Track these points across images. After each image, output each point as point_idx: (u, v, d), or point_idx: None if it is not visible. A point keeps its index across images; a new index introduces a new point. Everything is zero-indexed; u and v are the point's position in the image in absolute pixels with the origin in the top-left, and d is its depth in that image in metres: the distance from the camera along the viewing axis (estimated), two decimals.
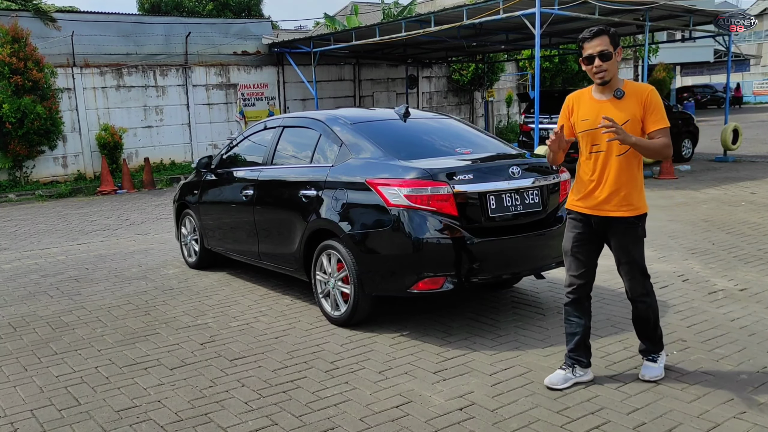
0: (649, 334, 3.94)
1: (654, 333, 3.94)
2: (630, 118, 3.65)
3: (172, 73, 17.50)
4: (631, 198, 3.71)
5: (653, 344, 3.96)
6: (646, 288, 3.86)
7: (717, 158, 16.11)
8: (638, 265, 3.81)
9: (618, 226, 3.75)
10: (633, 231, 3.76)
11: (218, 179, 6.75)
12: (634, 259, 3.79)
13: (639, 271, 3.82)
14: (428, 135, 5.55)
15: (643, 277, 3.84)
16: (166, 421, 3.67)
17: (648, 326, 3.92)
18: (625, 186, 3.70)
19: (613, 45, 3.65)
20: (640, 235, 3.80)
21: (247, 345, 4.83)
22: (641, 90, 3.68)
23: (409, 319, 5.21)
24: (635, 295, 3.87)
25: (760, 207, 9.59)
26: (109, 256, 8.18)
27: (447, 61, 23.10)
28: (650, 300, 3.87)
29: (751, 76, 48.95)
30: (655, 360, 3.95)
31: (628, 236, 3.76)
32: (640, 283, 3.84)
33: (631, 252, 3.78)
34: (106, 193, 14.81)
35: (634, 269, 3.81)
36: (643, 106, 3.65)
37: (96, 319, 5.62)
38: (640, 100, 3.65)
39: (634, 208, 3.72)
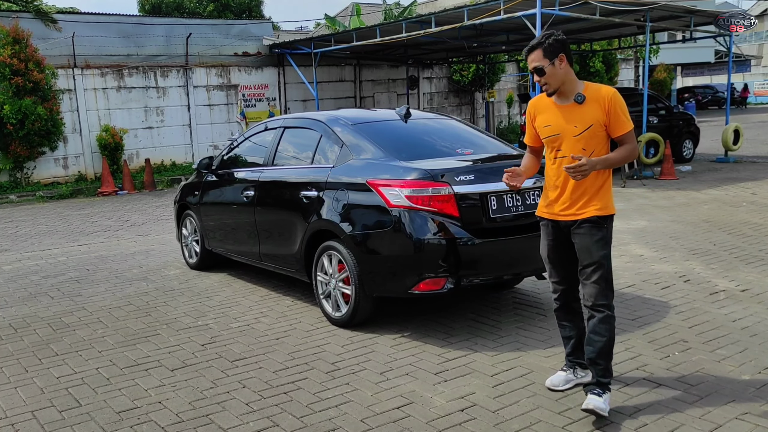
0: (598, 359, 3.52)
1: (605, 358, 3.53)
2: (593, 123, 3.51)
3: (173, 74, 17.51)
4: (595, 200, 3.55)
5: (601, 372, 3.53)
6: (608, 299, 3.53)
7: (718, 159, 16.10)
8: (602, 269, 3.52)
9: (581, 227, 3.57)
10: (596, 231, 3.53)
11: (219, 180, 6.75)
12: (597, 261, 3.52)
13: (602, 278, 3.52)
14: (429, 136, 5.54)
15: (605, 285, 3.53)
16: (167, 423, 3.67)
17: (601, 347, 3.51)
18: (588, 190, 3.55)
19: (549, 56, 3.49)
20: (604, 237, 3.55)
21: (248, 346, 4.83)
22: (603, 95, 3.52)
23: (411, 320, 5.20)
24: (594, 302, 3.53)
25: (761, 208, 9.57)
26: (110, 257, 8.18)
27: (448, 61, 23.10)
28: (609, 312, 3.52)
29: (752, 77, 48.94)
30: (600, 395, 3.50)
31: (591, 237, 3.54)
32: (601, 291, 3.52)
33: (593, 254, 3.53)
34: (107, 194, 14.82)
35: (596, 273, 3.52)
36: (606, 112, 3.50)
37: (97, 320, 5.61)
38: (603, 105, 3.50)
39: (597, 208, 3.55)
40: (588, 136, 3.53)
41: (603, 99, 3.51)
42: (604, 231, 3.56)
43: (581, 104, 3.53)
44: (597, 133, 3.53)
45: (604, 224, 3.56)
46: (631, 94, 16.19)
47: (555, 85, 3.55)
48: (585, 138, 3.53)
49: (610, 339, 3.51)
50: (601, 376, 3.53)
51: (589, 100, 3.53)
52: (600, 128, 3.52)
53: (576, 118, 3.54)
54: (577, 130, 3.54)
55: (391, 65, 22.01)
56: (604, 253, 3.54)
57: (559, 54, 3.50)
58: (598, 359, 3.52)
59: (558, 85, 3.54)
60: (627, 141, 3.54)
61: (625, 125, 3.53)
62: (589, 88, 3.56)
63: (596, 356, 3.52)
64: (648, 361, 4.23)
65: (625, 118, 3.52)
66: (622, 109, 3.52)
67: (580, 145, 3.54)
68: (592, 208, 3.55)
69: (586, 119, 3.52)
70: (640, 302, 5.46)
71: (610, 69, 27.19)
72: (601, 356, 3.51)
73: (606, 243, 3.56)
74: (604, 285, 3.53)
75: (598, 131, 3.52)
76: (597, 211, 3.54)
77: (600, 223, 3.55)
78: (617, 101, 3.51)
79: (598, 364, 3.52)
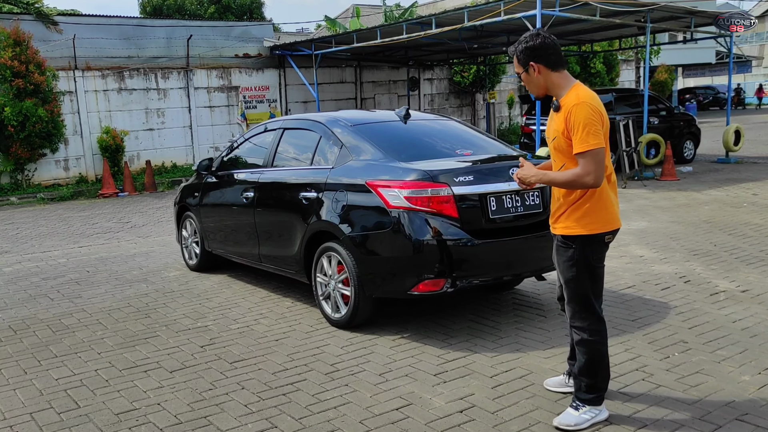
0: (579, 375, 3.44)
1: (584, 378, 3.41)
2: (555, 135, 3.31)
3: (174, 75, 17.53)
4: (568, 216, 3.32)
5: (583, 387, 3.43)
6: (584, 321, 3.36)
7: (719, 159, 16.08)
8: (571, 291, 3.37)
9: (556, 243, 3.45)
10: (563, 251, 3.37)
11: (219, 181, 6.75)
12: (566, 282, 3.39)
13: (573, 300, 3.38)
14: (429, 137, 5.54)
15: (577, 306, 3.37)
16: (166, 424, 3.66)
17: (580, 366, 3.42)
18: (566, 204, 3.34)
19: (522, 65, 3.33)
20: (572, 259, 3.31)
21: (247, 348, 4.82)
22: (568, 104, 3.23)
23: (410, 321, 5.19)
24: (570, 322, 3.46)
25: (762, 208, 9.56)
26: (110, 259, 8.18)
27: (448, 63, 23.10)
28: (586, 336, 3.36)
29: (752, 78, 48.89)
30: (577, 408, 3.43)
31: (560, 256, 3.40)
32: (575, 314, 3.39)
33: (563, 273, 3.39)
34: (108, 195, 14.82)
35: (567, 293, 3.41)
36: (566, 123, 3.22)
37: (96, 321, 5.61)
38: (565, 114, 3.22)
39: (566, 227, 3.33)
40: (555, 147, 3.35)
41: (566, 108, 3.23)
42: (573, 252, 3.32)
43: (557, 113, 3.32)
44: (562, 146, 3.28)
45: (571, 245, 3.31)
46: (632, 95, 16.20)
47: (534, 92, 3.41)
48: (554, 149, 3.37)
49: (589, 361, 3.37)
50: (582, 390, 3.44)
51: (562, 108, 3.28)
52: (564, 141, 3.26)
53: (551, 126, 3.37)
54: (549, 139, 3.40)
55: (391, 67, 22.02)
56: (572, 275, 3.34)
57: (530, 62, 3.30)
58: (579, 375, 3.45)
59: (537, 91, 3.40)
60: (581, 161, 3.14)
61: (580, 144, 3.14)
62: (567, 96, 3.28)
63: (578, 371, 3.46)
64: (648, 362, 4.22)
65: (583, 134, 3.13)
66: (579, 123, 3.14)
67: (553, 155, 3.42)
68: (559, 225, 3.38)
69: (554, 129, 3.33)
70: (641, 303, 5.44)
71: (611, 70, 27.21)
72: (582, 373, 3.42)
73: (574, 265, 3.32)
74: (576, 307, 3.38)
75: (562, 143, 3.27)
76: (564, 230, 3.35)
77: (566, 243, 3.34)
78: (578, 114, 3.16)
79: (579, 379, 3.45)
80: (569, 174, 3.20)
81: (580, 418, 3.39)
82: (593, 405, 3.43)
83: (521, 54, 3.33)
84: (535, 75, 3.33)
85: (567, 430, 3.38)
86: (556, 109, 3.32)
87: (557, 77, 3.32)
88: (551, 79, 3.32)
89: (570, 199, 3.32)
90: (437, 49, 19.32)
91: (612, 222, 3.35)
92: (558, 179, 3.26)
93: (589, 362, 3.38)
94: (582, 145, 3.14)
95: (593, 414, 3.41)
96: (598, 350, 3.39)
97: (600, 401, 3.46)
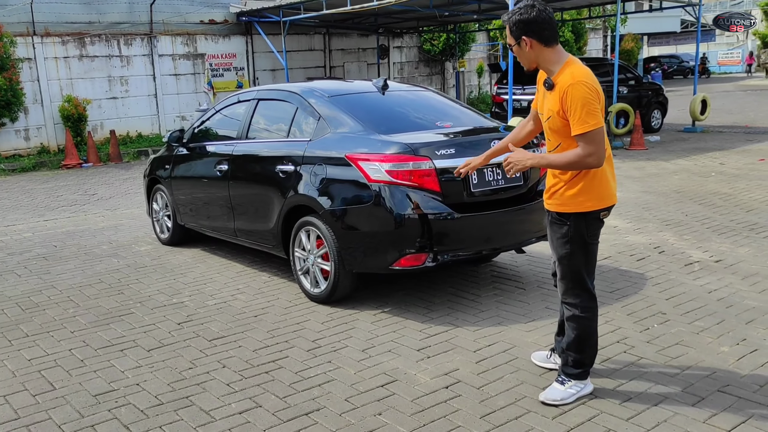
0: (567, 350, 3.45)
1: (572, 353, 3.43)
2: (551, 115, 3.23)
3: (137, 42, 17.00)
4: (561, 194, 3.29)
5: (567, 363, 3.46)
6: (576, 297, 3.37)
7: (686, 129, 16.27)
8: (564, 267, 3.37)
9: (548, 221, 3.42)
10: (557, 228, 3.34)
11: (191, 153, 6.57)
12: (560, 259, 3.37)
13: (565, 276, 3.38)
14: (407, 108, 5.45)
15: (570, 283, 3.37)
16: (146, 405, 3.58)
17: (569, 341, 3.43)
18: (561, 180, 3.29)
19: (515, 36, 3.21)
20: (566, 236, 3.30)
21: (225, 324, 4.74)
22: (563, 83, 3.12)
23: (390, 296, 5.16)
24: (561, 298, 3.47)
25: (729, 178, 9.71)
26: (78, 233, 7.96)
27: (418, 30, 22.84)
28: (578, 312, 3.37)
29: (716, 47, 49.52)
30: (563, 383, 3.44)
31: (554, 233, 3.38)
32: (567, 290, 3.40)
33: (557, 250, 3.38)
34: (71, 166, 14.42)
35: (560, 269, 3.40)
36: (561, 103, 3.13)
37: (67, 298, 5.46)
38: (560, 95, 3.13)
39: (560, 204, 3.30)
40: (550, 127, 3.28)
41: (561, 89, 3.12)
42: (567, 229, 3.29)
43: (550, 91, 3.22)
44: (558, 126, 3.21)
45: (566, 222, 3.29)
46: (601, 64, 16.23)
47: (526, 65, 3.30)
48: (549, 128, 3.30)
49: (578, 337, 3.38)
50: (569, 365, 3.46)
51: (556, 87, 3.17)
52: (559, 120, 3.18)
53: (546, 105, 3.29)
54: (544, 118, 3.33)
55: (361, 34, 21.69)
56: (566, 252, 3.32)
57: (522, 36, 3.18)
58: (567, 349, 3.47)
59: (529, 65, 3.29)
60: (581, 143, 3.09)
61: (579, 124, 3.06)
62: (561, 74, 3.16)
63: (566, 346, 3.47)
64: (628, 333, 4.27)
65: (582, 115, 3.04)
66: (577, 104, 3.05)
67: (547, 134, 3.35)
68: (554, 202, 3.34)
69: (549, 108, 3.24)
70: (617, 274, 5.49)
71: (579, 39, 27.23)
72: (570, 348, 3.44)
73: (568, 242, 3.30)
74: (569, 284, 3.39)
75: (558, 123, 3.20)
76: (558, 207, 3.32)
77: (561, 220, 3.32)
78: (574, 94, 3.06)
79: (567, 354, 3.47)
80: (570, 155, 3.13)
81: (565, 393, 3.42)
82: (579, 379, 3.45)
83: (514, 26, 3.20)
84: (527, 49, 3.21)
85: (553, 404, 3.39)
86: (549, 87, 3.22)
87: (550, 53, 3.21)
88: (544, 55, 3.21)
89: (566, 177, 3.28)
90: (407, 17, 19.07)
91: (608, 198, 3.30)
92: (558, 161, 3.18)
93: (578, 338, 3.40)
94: (582, 126, 3.06)
95: (579, 388, 3.44)
96: (589, 326, 3.41)
97: (586, 376, 3.48)
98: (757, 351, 3.94)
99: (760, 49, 38.45)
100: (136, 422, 3.41)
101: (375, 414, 3.40)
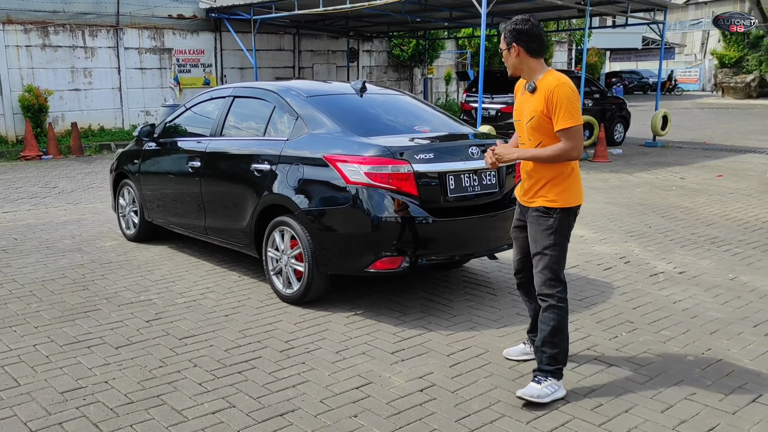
0: (542, 347, 3.58)
1: (547, 348, 3.56)
2: (534, 114, 3.50)
3: (103, 34, 16.66)
4: (547, 190, 3.54)
5: (543, 360, 3.58)
6: (553, 288, 3.55)
7: (647, 143, 16.66)
8: (545, 259, 3.55)
9: (532, 215, 3.61)
10: (543, 221, 3.55)
11: (162, 149, 6.46)
12: (541, 251, 3.56)
13: (546, 268, 3.55)
14: (385, 111, 5.46)
15: (550, 274, 3.55)
16: (116, 404, 3.51)
17: (543, 336, 3.57)
18: (543, 178, 3.54)
19: (506, 43, 3.56)
20: (551, 227, 3.52)
21: (196, 323, 4.67)
22: (548, 85, 3.44)
23: (362, 298, 5.15)
24: (539, 291, 3.61)
25: (690, 192, 9.97)
26: (39, 226, 7.76)
27: (388, 35, 22.92)
28: (553, 302, 3.54)
29: (674, 64, 50.82)
30: (539, 382, 3.54)
31: (539, 226, 3.57)
32: (545, 281, 3.56)
33: (538, 243, 3.57)
34: (30, 158, 14.03)
35: (540, 262, 3.57)
36: (546, 102, 3.43)
37: (30, 293, 5.31)
38: (545, 95, 3.43)
39: (547, 199, 3.54)
40: (532, 126, 3.52)
41: (547, 89, 3.43)
42: (552, 221, 3.53)
43: (532, 94, 3.52)
44: (541, 125, 3.48)
45: (552, 215, 3.52)
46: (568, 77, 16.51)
47: (510, 70, 3.63)
48: (531, 128, 3.54)
49: (554, 329, 3.53)
50: (544, 363, 3.57)
51: (539, 90, 3.47)
52: (543, 119, 3.46)
53: (527, 107, 3.56)
54: (525, 119, 3.57)
55: (331, 36, 21.65)
56: (550, 243, 3.53)
57: (512, 43, 3.52)
58: (542, 347, 3.58)
59: (512, 70, 3.62)
60: (564, 138, 3.40)
61: (563, 120, 3.38)
62: (544, 79, 3.49)
63: (540, 344, 3.59)
64: (597, 341, 4.34)
65: (565, 112, 3.37)
66: (562, 102, 3.38)
67: (528, 134, 3.58)
68: (541, 199, 3.57)
69: (532, 109, 3.51)
70: (585, 283, 5.59)
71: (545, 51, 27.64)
72: (545, 344, 3.56)
73: (553, 234, 3.52)
74: (549, 275, 3.55)
75: (542, 122, 3.47)
76: (546, 202, 3.55)
77: (548, 213, 3.53)
78: (560, 94, 3.38)
79: (542, 352, 3.58)
80: (555, 149, 3.43)
81: (542, 391, 3.50)
82: (555, 378, 3.56)
83: (508, 33, 3.54)
84: (515, 56, 3.55)
85: (530, 400, 3.48)
86: (532, 90, 3.51)
87: (534, 63, 3.55)
88: (528, 63, 3.55)
89: (549, 174, 3.53)
90: (378, 21, 19.12)
91: (582, 196, 3.64)
92: (543, 154, 3.47)
93: (553, 330, 3.54)
94: (567, 121, 3.39)
95: (554, 388, 3.54)
96: (563, 318, 3.57)
97: (560, 375, 3.59)
98: (721, 361, 4.05)
99: (718, 68, 39.69)
100: (105, 420, 3.34)
101: (351, 416, 3.39)
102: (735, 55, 37.76)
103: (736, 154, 14.72)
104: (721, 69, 38.95)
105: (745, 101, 35.47)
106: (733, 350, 4.20)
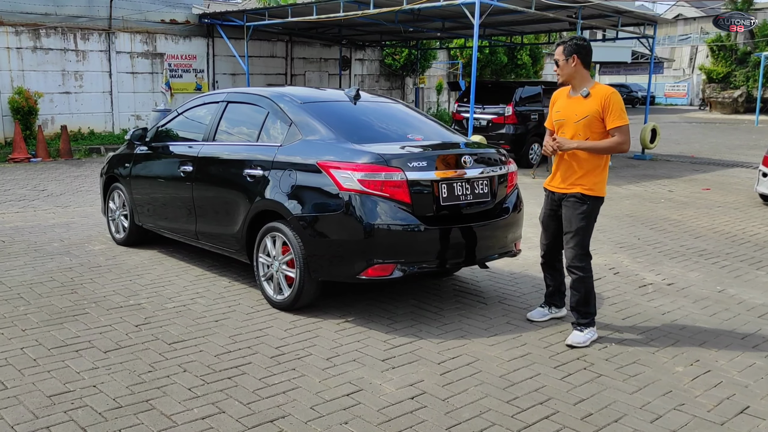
0: (577, 307, 4.45)
1: (582, 308, 4.44)
2: (588, 115, 4.34)
3: (94, 37, 16.62)
4: (585, 180, 4.37)
5: (580, 316, 4.47)
6: (582, 262, 4.38)
7: (636, 156, 16.78)
8: (578, 237, 4.37)
9: (568, 201, 4.42)
10: (579, 205, 4.36)
11: (153, 153, 6.44)
12: (575, 230, 4.38)
13: (578, 245, 4.37)
14: (379, 119, 5.48)
15: (581, 250, 4.38)
16: (105, 408, 3.48)
17: (578, 299, 4.43)
18: (580, 169, 4.37)
19: (566, 54, 4.38)
20: (585, 212, 4.36)
21: (185, 328, 4.65)
22: (603, 92, 4.32)
23: (353, 305, 5.15)
24: (569, 264, 4.42)
25: (678, 205, 10.05)
26: (27, 229, 7.70)
27: (381, 44, 23.00)
28: (583, 274, 4.38)
29: (663, 79, 51.30)
30: (581, 330, 4.46)
31: (574, 209, 4.38)
32: (577, 254, 4.38)
33: (572, 223, 4.39)
34: (19, 160, 13.95)
35: (573, 239, 4.39)
36: (602, 106, 4.29)
37: (17, 296, 5.27)
38: (601, 100, 4.29)
39: (585, 188, 4.36)
40: (584, 124, 4.33)
41: (603, 96, 4.29)
42: (587, 207, 4.36)
43: (586, 98, 4.35)
44: (593, 123, 4.32)
45: (587, 201, 4.36)
46: None
47: (564, 77, 4.43)
48: (582, 125, 4.34)
49: (585, 294, 4.42)
50: (581, 317, 4.46)
51: (593, 96, 4.33)
52: (595, 120, 4.30)
53: (579, 108, 4.37)
54: (577, 118, 4.36)
55: (323, 44, 21.71)
56: (583, 225, 4.37)
57: (573, 54, 4.35)
58: (577, 307, 4.47)
59: (566, 77, 4.41)
60: (618, 134, 4.27)
61: (617, 120, 4.26)
62: (596, 87, 4.36)
63: (575, 305, 4.47)
64: (587, 351, 4.36)
65: (618, 114, 4.26)
66: (616, 106, 4.26)
67: (578, 130, 4.36)
68: (579, 187, 4.38)
69: (585, 110, 4.33)
70: None
71: (536, 62, 27.88)
72: (579, 305, 4.45)
73: (586, 217, 4.37)
74: (579, 251, 4.39)
75: (593, 122, 4.31)
76: (583, 190, 4.37)
77: (584, 200, 4.36)
78: (614, 99, 4.27)
79: (578, 311, 4.47)
80: (610, 141, 4.29)
81: (585, 337, 4.43)
82: (591, 326, 4.49)
83: (570, 46, 4.37)
84: (572, 65, 4.37)
85: (578, 345, 4.38)
86: (586, 95, 4.36)
87: (585, 73, 4.42)
88: (581, 73, 4.39)
89: (586, 166, 4.36)
90: (371, 30, 19.19)
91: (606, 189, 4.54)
92: (600, 146, 4.32)
93: (585, 295, 4.43)
94: (620, 120, 4.27)
95: (593, 333, 4.49)
96: (591, 284, 4.46)
97: (594, 323, 4.54)
98: (710, 372, 4.07)
99: (705, 83, 40.08)
100: (94, 425, 3.31)
101: (341, 423, 3.39)
102: (723, 71, 38.17)
103: (723, 168, 14.87)
104: (709, 84, 39.35)
105: (732, 116, 35.87)
106: (722, 362, 4.23)
